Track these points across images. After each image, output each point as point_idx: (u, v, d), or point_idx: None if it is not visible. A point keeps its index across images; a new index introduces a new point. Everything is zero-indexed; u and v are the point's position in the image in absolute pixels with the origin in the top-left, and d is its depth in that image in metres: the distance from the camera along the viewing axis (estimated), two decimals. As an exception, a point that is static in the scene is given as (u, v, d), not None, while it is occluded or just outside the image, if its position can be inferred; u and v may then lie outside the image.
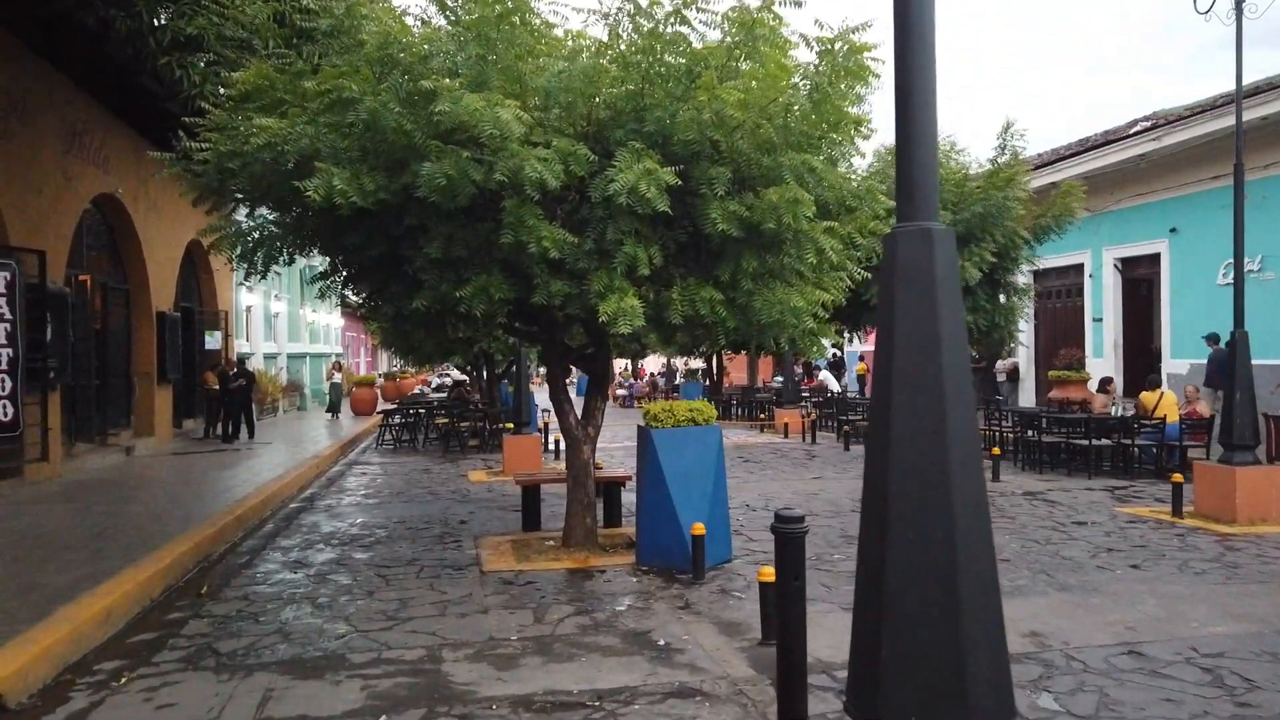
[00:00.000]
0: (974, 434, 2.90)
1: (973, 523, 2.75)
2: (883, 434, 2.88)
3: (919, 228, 2.82)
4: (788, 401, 20.12)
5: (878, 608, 2.82)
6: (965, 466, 2.82)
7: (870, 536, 2.96)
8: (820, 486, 11.15)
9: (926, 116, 2.76)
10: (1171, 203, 18.69)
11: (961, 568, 2.76)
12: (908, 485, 2.76)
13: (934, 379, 2.75)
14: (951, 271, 2.72)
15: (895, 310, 2.77)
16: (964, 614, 2.74)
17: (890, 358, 2.82)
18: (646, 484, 6.87)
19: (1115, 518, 8.75)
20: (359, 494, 11.38)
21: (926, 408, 2.78)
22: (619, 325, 5.75)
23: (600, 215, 6.08)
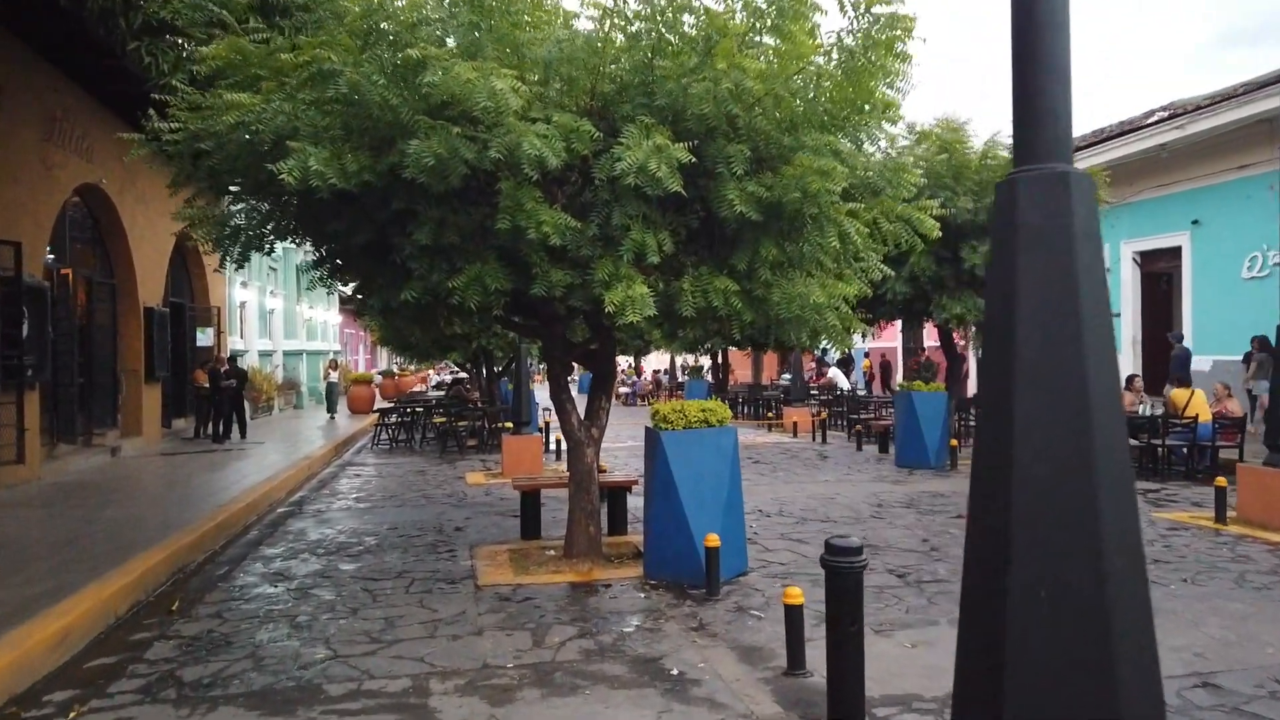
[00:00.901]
0: (1124, 450, 2.25)
1: (1127, 572, 2.13)
2: (999, 451, 2.23)
3: (1050, 172, 2.20)
4: (796, 400, 19.58)
5: (996, 682, 2.21)
6: (1116, 493, 2.17)
7: (981, 588, 2.30)
8: (836, 490, 10.60)
9: (1057, 25, 2.17)
10: (1194, 194, 18.12)
11: (1115, 635, 2.11)
12: (1038, 521, 2.12)
13: (1073, 376, 2.10)
14: (1093, 230, 2.15)
15: (1017, 283, 2.17)
16: (1120, 697, 2.10)
17: (1008, 349, 2.18)
18: (655, 490, 6.34)
19: (1154, 524, 8.20)
20: (350, 497, 10.85)
21: (1063, 416, 2.13)
22: (627, 314, 5.21)
23: (605, 198, 5.54)
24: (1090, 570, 2.07)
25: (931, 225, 6.31)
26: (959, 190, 11.31)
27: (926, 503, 9.61)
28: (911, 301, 12.66)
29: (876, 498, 9.99)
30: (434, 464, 14.09)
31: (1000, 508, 2.15)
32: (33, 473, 11.03)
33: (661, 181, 5.06)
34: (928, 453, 12.51)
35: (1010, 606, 2.13)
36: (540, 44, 5.88)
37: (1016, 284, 2.20)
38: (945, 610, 5.53)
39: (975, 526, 2.33)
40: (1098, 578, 2.07)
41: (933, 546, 7.34)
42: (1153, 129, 18.22)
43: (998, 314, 2.28)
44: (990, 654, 2.21)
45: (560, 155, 5.10)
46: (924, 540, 7.59)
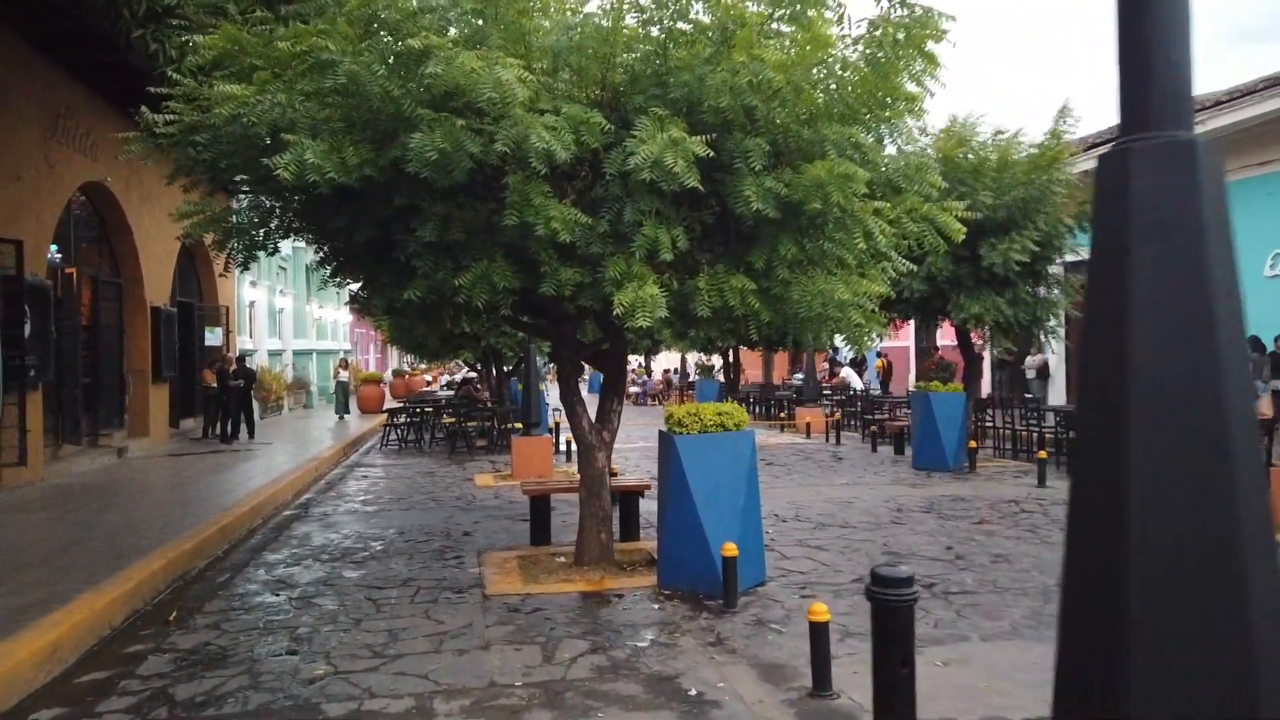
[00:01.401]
0: (1263, 481, 1.83)
1: (1273, 612, 1.70)
2: (1111, 470, 1.82)
3: (1171, 141, 1.84)
4: (809, 400, 19.30)
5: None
6: (1257, 529, 1.75)
7: (1084, 643, 1.86)
8: (853, 494, 10.34)
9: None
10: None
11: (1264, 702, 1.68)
12: (1165, 565, 1.70)
13: (1206, 382, 1.72)
14: (1222, 211, 1.83)
15: (1131, 271, 1.79)
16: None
17: (1120, 361, 1.79)
18: (670, 497, 6.10)
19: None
20: (357, 500, 10.65)
21: (1196, 444, 1.74)
22: (638, 318, 4.97)
23: (616, 193, 5.30)
24: (1233, 629, 1.65)
25: (957, 228, 6.05)
26: (977, 187, 11.02)
27: (947, 507, 9.34)
28: (928, 300, 12.38)
29: (895, 501, 9.72)
30: (443, 465, 13.88)
31: (1113, 543, 1.74)
32: (36, 474, 10.86)
33: (678, 177, 4.82)
34: (945, 454, 12.23)
35: (1135, 669, 1.67)
36: (548, 32, 5.66)
37: (1130, 283, 1.82)
38: (975, 625, 5.27)
39: (1074, 560, 1.85)
40: (1242, 640, 1.65)
41: (958, 555, 7.08)
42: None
43: (1105, 320, 1.90)
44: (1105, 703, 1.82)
45: (570, 148, 4.87)
46: (948, 548, 7.33)
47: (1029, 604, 5.66)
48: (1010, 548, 7.30)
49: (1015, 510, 9.06)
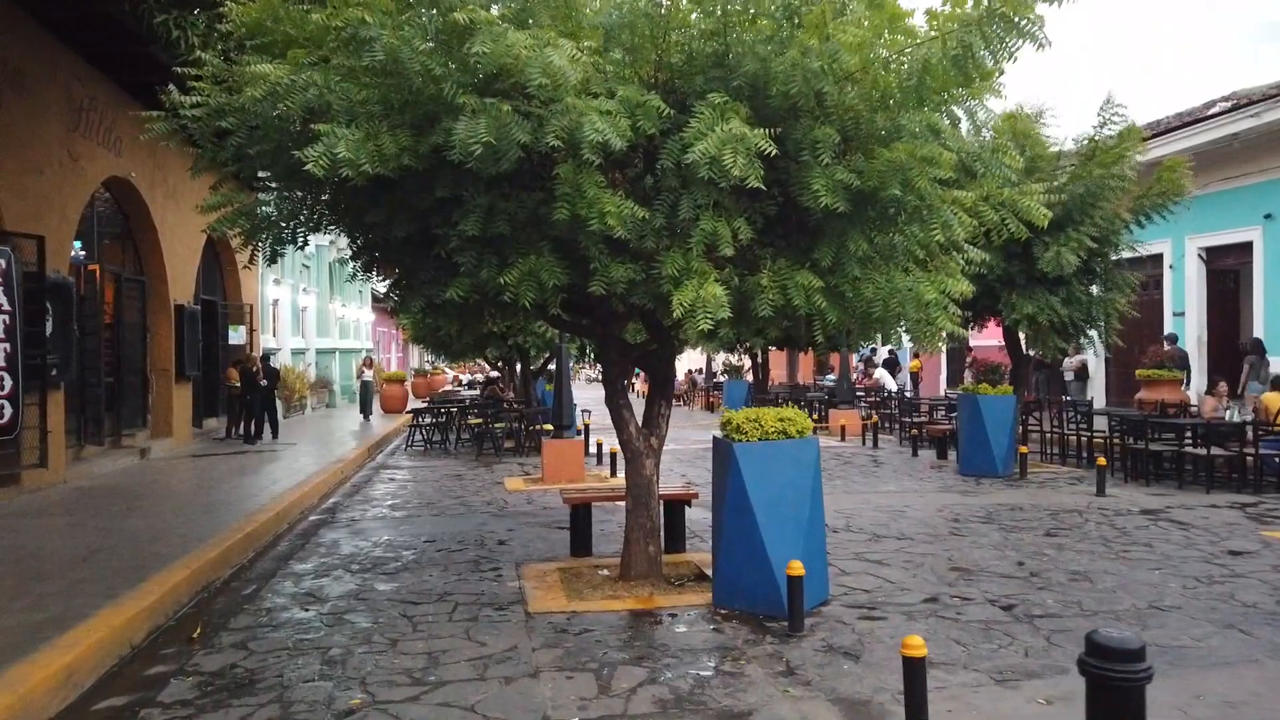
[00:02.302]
0: None
1: None
2: None
3: None
4: (842, 401, 18.79)
5: None
6: None
7: None
8: (903, 501, 9.87)
9: None
10: (1266, 186, 17.11)
11: None
12: None
13: None
14: None
15: None
16: None
17: None
18: (728, 510, 5.66)
19: (1270, 546, 7.40)
20: (385, 504, 10.28)
21: None
22: (699, 319, 4.55)
23: (672, 184, 4.88)
24: None
25: (1043, 213, 5.60)
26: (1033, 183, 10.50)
27: (1007, 517, 8.85)
28: (976, 299, 11.84)
29: (950, 510, 9.25)
30: (470, 468, 13.51)
31: None
32: (57, 476, 10.57)
33: (737, 174, 4.39)
34: (995, 460, 11.73)
35: None
36: (598, 10, 5.25)
37: None
38: (1071, 655, 4.79)
39: None
40: None
41: (1031, 571, 6.60)
42: (1222, 119, 17.23)
43: None
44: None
45: (626, 136, 4.45)
46: (1019, 564, 6.85)
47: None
48: (1087, 564, 6.81)
49: (1081, 521, 8.56)
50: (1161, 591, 5.98)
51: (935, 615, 5.56)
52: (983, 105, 5.56)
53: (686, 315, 4.57)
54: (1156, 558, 6.99)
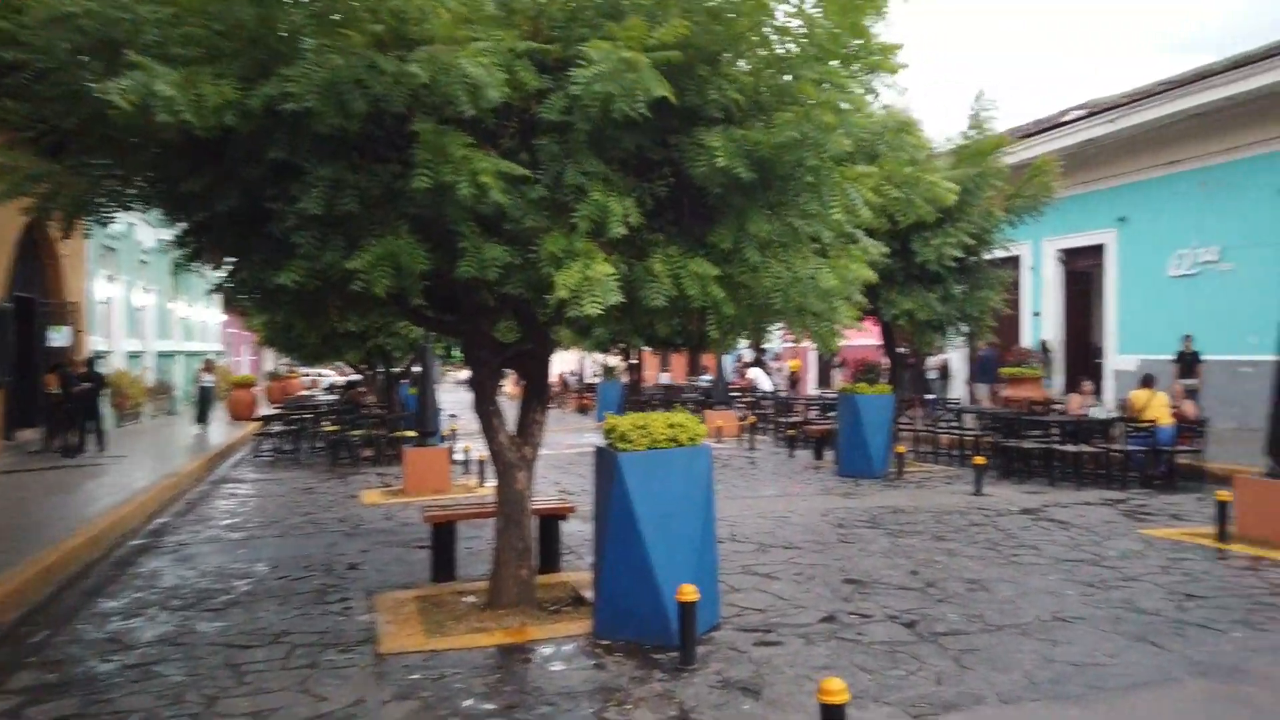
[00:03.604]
0: None
1: None
2: None
3: None
4: (718, 402, 18.50)
5: None
6: None
7: None
8: (786, 507, 9.49)
9: None
10: (1119, 190, 17.85)
11: None
12: None
13: None
14: None
15: None
16: None
17: None
18: (611, 527, 5.03)
19: (1152, 545, 7.34)
20: (221, 524, 9.16)
21: None
22: (585, 304, 3.91)
23: (554, 151, 4.23)
24: None
25: (948, 189, 5.24)
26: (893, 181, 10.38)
27: (891, 520, 8.58)
28: (854, 297, 11.68)
29: (833, 515, 8.92)
30: (323, 479, 12.40)
31: None
32: None
33: (645, 89, 3.78)
34: (872, 460, 11.57)
35: None
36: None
37: None
38: (986, 679, 4.40)
39: None
40: None
41: (927, 581, 6.25)
42: (1080, 125, 17.87)
43: None
44: None
45: (501, 87, 3.76)
46: (913, 573, 6.51)
47: (1035, 647, 4.83)
48: (981, 571, 6.53)
49: (965, 524, 8.37)
50: (1061, 600, 5.72)
51: (835, 637, 5.09)
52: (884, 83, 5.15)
53: (571, 299, 3.92)
54: (1047, 561, 6.79)
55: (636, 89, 3.78)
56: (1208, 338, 15.39)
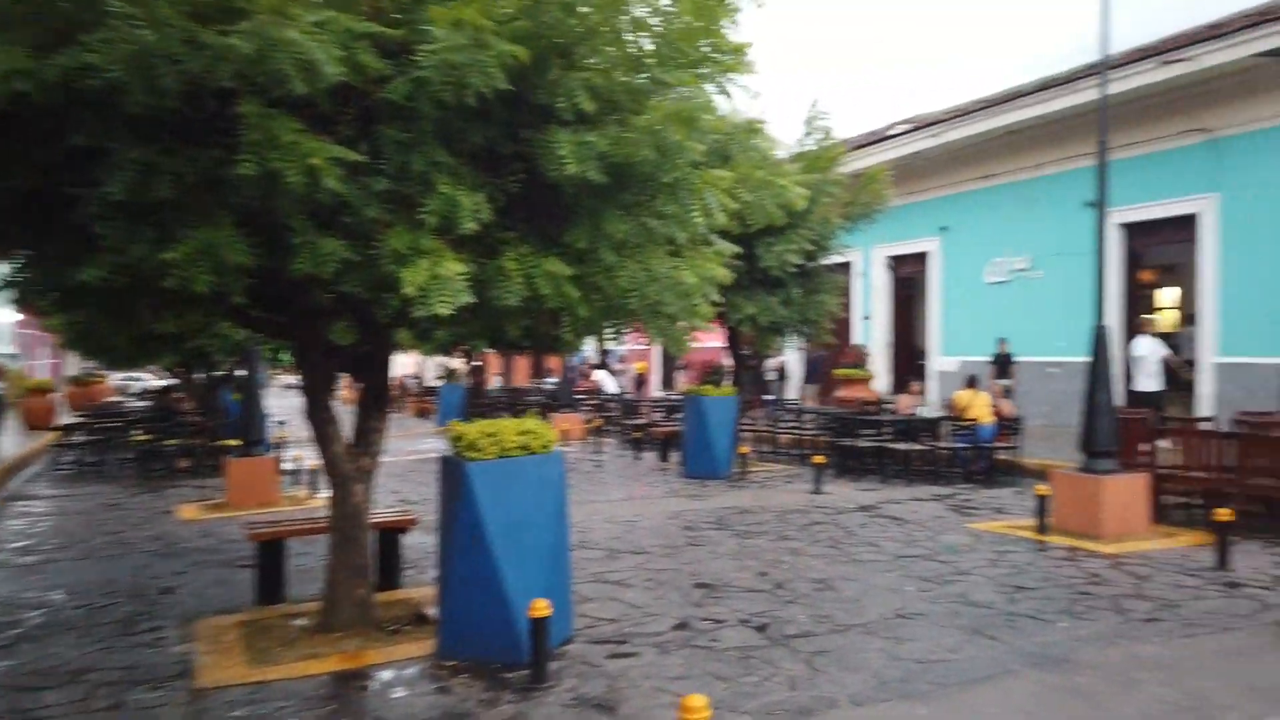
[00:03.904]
0: None
1: None
2: None
3: None
4: (564, 405, 18.32)
5: None
6: None
7: None
8: (634, 510, 9.42)
9: None
10: (942, 201, 18.92)
11: None
12: None
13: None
14: None
15: None
16: None
17: None
18: (458, 541, 4.75)
19: (980, 538, 7.72)
20: (11, 547, 8.18)
21: None
22: (433, 303, 3.65)
23: (399, 139, 3.93)
24: None
25: (798, 194, 5.28)
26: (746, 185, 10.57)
27: (737, 521, 8.66)
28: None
29: (682, 517, 8.92)
30: (133, 494, 11.36)
31: None
32: None
33: (489, 75, 3.57)
34: (718, 461, 11.70)
35: None
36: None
37: None
38: (836, 680, 4.42)
39: None
40: None
41: (776, 583, 6.30)
42: (904, 138, 18.82)
43: None
44: None
45: (338, 65, 3.45)
46: (762, 574, 6.55)
47: (881, 646, 4.92)
48: (826, 570, 6.65)
49: (808, 522, 8.55)
50: (902, 596, 5.89)
51: (689, 645, 5.02)
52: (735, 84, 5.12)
53: (418, 299, 3.65)
54: (886, 558, 7.00)
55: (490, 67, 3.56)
56: (1020, 340, 16.52)
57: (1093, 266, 16.04)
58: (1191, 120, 14.46)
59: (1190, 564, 6.61)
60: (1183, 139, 14.63)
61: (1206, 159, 14.37)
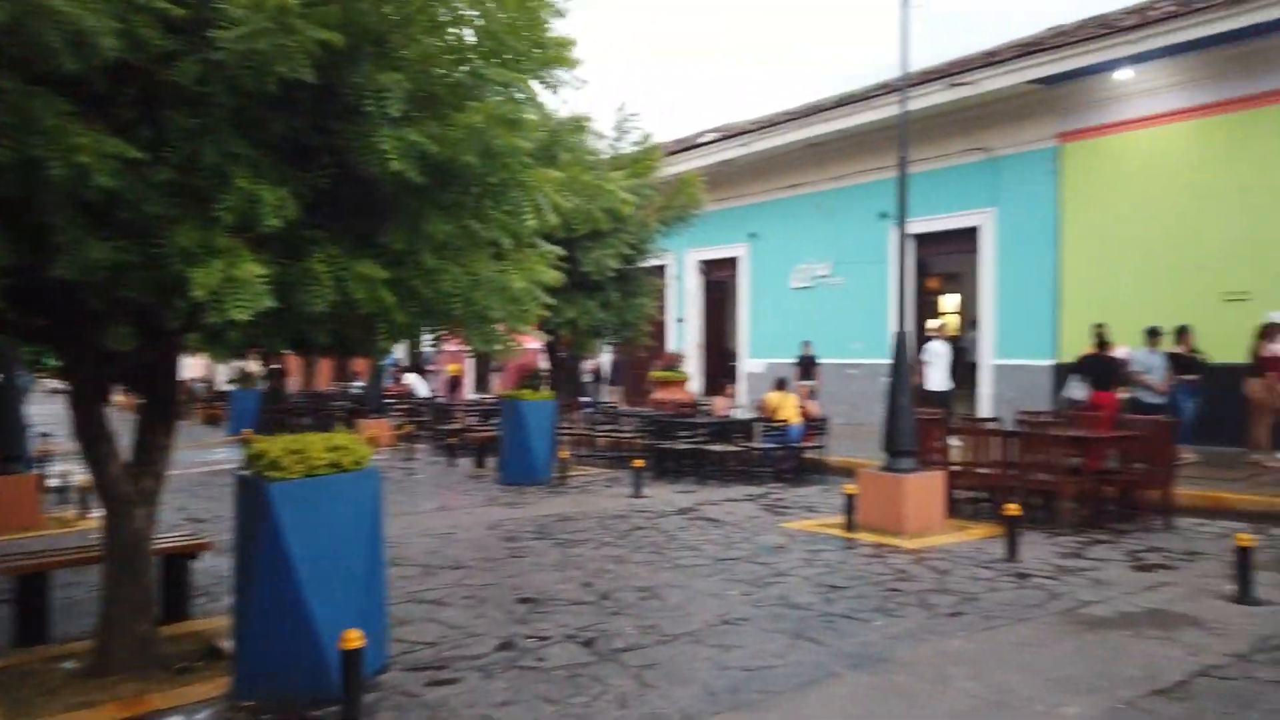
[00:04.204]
0: None
1: None
2: None
3: None
4: (372, 410, 17.51)
5: None
6: None
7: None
8: (451, 521, 9.06)
9: None
10: (751, 208, 19.57)
11: None
12: None
13: None
14: None
15: None
16: None
17: None
18: (259, 569, 4.32)
19: (794, 538, 7.95)
20: None
21: None
22: (228, 308, 3.27)
23: (187, 126, 3.50)
24: None
25: (626, 200, 5.19)
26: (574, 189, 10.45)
27: (559, 529, 8.51)
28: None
29: (501, 527, 8.66)
30: None
31: None
32: None
33: (300, 52, 3.24)
34: (536, 467, 11.51)
35: None
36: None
37: None
38: (667, 695, 4.35)
39: None
40: None
41: (601, 594, 6.19)
42: (714, 146, 19.35)
43: None
44: None
45: (110, 37, 3.00)
46: (586, 585, 6.42)
47: (709, 655, 4.91)
48: (650, 577, 6.62)
49: (628, 528, 8.52)
50: (726, 602, 5.93)
51: (514, 666, 4.81)
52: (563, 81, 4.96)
53: (218, 304, 3.25)
54: (708, 562, 7.06)
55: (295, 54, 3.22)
56: (823, 343, 17.35)
57: (886, 275, 17.14)
58: (973, 140, 15.68)
59: (984, 556, 7.08)
60: (966, 157, 15.84)
61: (986, 176, 15.62)
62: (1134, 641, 4.94)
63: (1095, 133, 14.27)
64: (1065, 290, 14.51)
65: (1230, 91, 12.75)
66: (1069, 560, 6.92)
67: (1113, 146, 14.10)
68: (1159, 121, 13.58)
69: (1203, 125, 13.10)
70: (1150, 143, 13.68)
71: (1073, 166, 14.54)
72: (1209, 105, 13.00)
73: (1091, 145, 14.33)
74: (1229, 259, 12.60)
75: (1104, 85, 13.95)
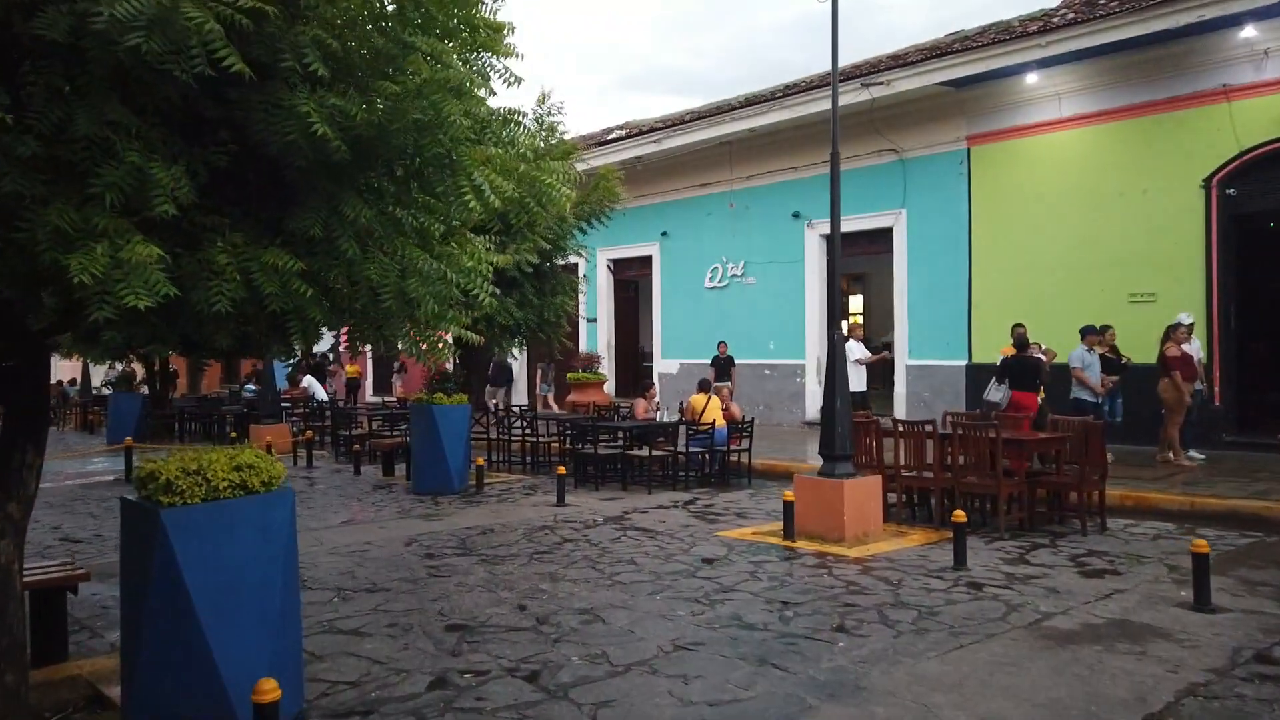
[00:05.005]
0: None
1: None
2: None
3: None
4: (268, 415, 16.45)
5: None
6: None
7: None
8: (363, 536, 8.38)
9: None
10: (663, 207, 19.26)
11: None
12: None
13: None
14: None
15: None
16: None
17: None
18: (151, 607, 3.69)
19: (733, 548, 7.60)
20: None
21: None
22: (124, 293, 2.68)
23: (56, 85, 2.88)
24: None
25: (564, 195, 4.74)
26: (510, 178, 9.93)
27: (483, 544, 7.95)
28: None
29: (419, 543, 8.04)
30: None
31: None
32: None
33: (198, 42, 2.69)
34: (451, 475, 10.88)
35: None
36: None
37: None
38: (629, 737, 3.90)
39: None
40: None
41: (539, 617, 5.68)
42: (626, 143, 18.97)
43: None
44: None
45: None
46: (520, 607, 5.91)
47: (668, 687, 4.48)
48: (589, 596, 6.15)
49: (557, 540, 8.03)
50: (676, 623, 5.51)
51: (452, 708, 4.28)
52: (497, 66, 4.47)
53: (96, 292, 2.65)
54: (648, 578, 6.64)
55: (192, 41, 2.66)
56: (737, 344, 17.17)
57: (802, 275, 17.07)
58: (885, 141, 15.73)
59: (930, 564, 6.86)
60: (878, 158, 15.87)
61: (897, 177, 15.70)
62: (1108, 658, 4.74)
63: (1003, 135, 14.49)
64: (976, 291, 14.68)
65: (1132, 97, 13.09)
66: (1016, 567, 6.77)
67: (1020, 150, 14.34)
68: (1064, 126, 13.86)
69: (1106, 130, 13.42)
70: (1056, 146, 13.95)
71: (982, 169, 14.74)
72: (1112, 110, 13.32)
73: (1000, 148, 14.54)
74: (1134, 261, 12.92)
75: (1011, 89, 14.17)
